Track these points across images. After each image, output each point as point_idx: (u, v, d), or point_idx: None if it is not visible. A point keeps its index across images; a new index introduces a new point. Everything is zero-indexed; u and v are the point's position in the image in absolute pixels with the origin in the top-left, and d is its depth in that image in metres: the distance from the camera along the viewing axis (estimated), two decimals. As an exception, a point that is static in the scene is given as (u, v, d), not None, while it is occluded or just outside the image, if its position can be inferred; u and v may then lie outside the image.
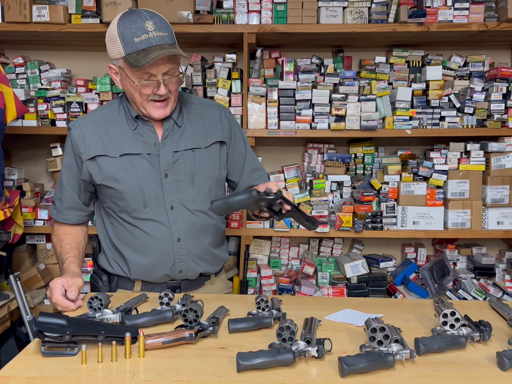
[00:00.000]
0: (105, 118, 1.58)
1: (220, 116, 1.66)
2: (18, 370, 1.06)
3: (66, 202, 1.63)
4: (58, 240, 1.64)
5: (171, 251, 1.56)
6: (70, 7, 2.60)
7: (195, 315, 1.20)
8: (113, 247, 1.63)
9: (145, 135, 1.55)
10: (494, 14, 2.57)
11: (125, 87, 1.51)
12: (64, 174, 1.61)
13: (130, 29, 1.40)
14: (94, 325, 1.17)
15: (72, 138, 1.56)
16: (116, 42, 1.42)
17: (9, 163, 2.96)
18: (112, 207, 1.59)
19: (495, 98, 2.59)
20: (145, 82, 1.44)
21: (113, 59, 1.48)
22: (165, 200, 1.55)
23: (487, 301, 1.49)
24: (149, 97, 1.47)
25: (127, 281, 1.63)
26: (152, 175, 1.54)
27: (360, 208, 2.61)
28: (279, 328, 1.07)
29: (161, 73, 1.43)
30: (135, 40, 1.39)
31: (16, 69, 2.81)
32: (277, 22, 2.59)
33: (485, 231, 2.63)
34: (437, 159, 2.64)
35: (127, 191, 1.53)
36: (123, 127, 1.56)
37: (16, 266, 2.77)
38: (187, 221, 1.57)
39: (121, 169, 1.53)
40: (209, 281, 1.69)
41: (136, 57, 1.39)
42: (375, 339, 1.05)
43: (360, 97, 2.60)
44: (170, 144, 1.55)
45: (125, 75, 1.45)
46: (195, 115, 1.62)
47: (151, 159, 1.54)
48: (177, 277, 1.60)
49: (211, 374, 1.04)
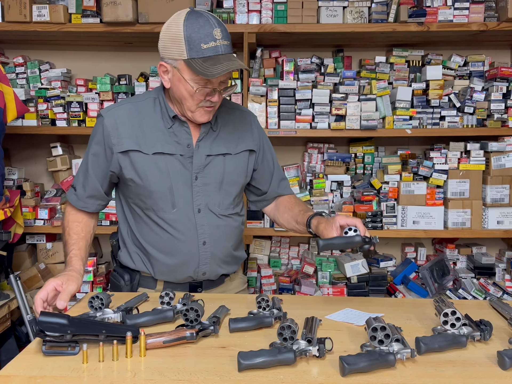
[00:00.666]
0: (140, 111, 1.54)
1: (251, 124, 1.67)
2: (19, 370, 1.07)
3: (88, 190, 1.59)
4: (67, 227, 1.60)
5: (196, 253, 1.55)
6: (70, 7, 2.60)
7: (196, 315, 1.20)
8: (136, 242, 1.61)
9: (180, 136, 1.53)
10: (494, 13, 2.58)
11: (176, 88, 1.46)
12: (91, 162, 1.56)
13: (198, 34, 1.37)
14: (95, 325, 1.17)
15: (105, 127, 1.51)
16: (179, 43, 1.38)
17: (9, 163, 2.96)
18: (139, 204, 1.57)
19: (495, 97, 2.59)
20: (203, 90, 1.42)
21: (168, 58, 1.43)
22: (193, 203, 1.54)
23: (488, 300, 1.49)
24: (200, 102, 1.45)
25: (150, 280, 1.62)
26: (182, 176, 1.53)
27: (360, 208, 2.61)
28: (280, 328, 1.08)
29: (219, 81, 1.43)
30: (203, 46, 1.37)
31: (16, 68, 2.81)
32: (277, 21, 2.59)
33: (485, 231, 2.63)
34: (437, 159, 2.64)
35: (157, 190, 1.52)
36: (158, 124, 1.53)
37: (16, 266, 2.77)
38: (213, 225, 1.57)
39: (152, 167, 1.51)
40: (229, 278, 1.70)
41: (202, 64, 1.36)
42: (376, 338, 1.05)
43: (360, 97, 2.60)
44: (204, 148, 1.54)
45: (181, 77, 1.41)
46: (227, 119, 1.62)
47: (183, 160, 1.53)
48: (200, 278, 1.60)
49: (212, 374, 1.04)
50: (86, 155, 1.58)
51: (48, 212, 2.68)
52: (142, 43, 2.82)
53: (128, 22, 2.52)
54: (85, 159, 1.59)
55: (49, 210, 2.68)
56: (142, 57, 2.92)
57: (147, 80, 2.70)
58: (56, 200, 2.77)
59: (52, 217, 2.72)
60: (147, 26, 2.54)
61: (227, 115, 1.62)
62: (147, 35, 2.60)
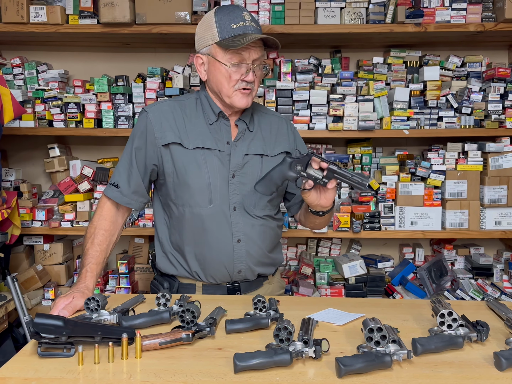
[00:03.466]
0: (182, 109, 1.59)
1: (287, 129, 1.72)
2: (14, 372, 1.06)
3: (133, 185, 1.60)
4: (92, 234, 1.57)
5: (231, 250, 1.57)
6: (68, 8, 2.59)
7: (192, 316, 1.20)
8: (173, 244, 1.63)
9: (221, 132, 1.57)
10: (491, 14, 2.58)
11: (212, 76, 1.53)
12: (135, 156, 1.58)
13: (228, 16, 1.47)
14: (90, 326, 1.17)
15: (149, 121, 1.55)
16: (212, 28, 1.48)
17: (7, 164, 2.96)
18: (175, 200, 1.58)
19: (493, 98, 2.60)
20: (235, 67, 1.48)
21: (202, 47, 1.53)
22: (229, 200, 1.56)
23: (485, 301, 1.49)
24: (236, 83, 1.50)
25: (189, 287, 1.62)
26: (221, 172, 1.56)
27: (358, 209, 2.61)
28: (276, 329, 1.07)
29: (251, 58, 1.48)
30: (232, 26, 1.46)
31: (14, 70, 2.81)
32: (274, 22, 2.59)
33: (482, 231, 2.63)
34: (434, 160, 2.64)
35: (195, 185, 1.54)
36: (200, 121, 1.58)
37: (14, 267, 2.76)
38: (247, 224, 1.58)
39: (192, 162, 1.54)
40: (267, 281, 1.71)
41: (233, 40, 1.44)
42: (372, 339, 1.05)
43: (358, 98, 2.60)
44: (242, 146, 1.58)
45: (215, 60, 1.49)
46: (265, 123, 1.67)
47: (222, 156, 1.56)
48: (236, 277, 1.61)
49: (208, 375, 1.04)
50: (129, 150, 1.60)
51: (45, 213, 2.67)
52: (140, 44, 2.82)
53: (126, 23, 2.51)
54: (126, 154, 1.60)
55: (46, 211, 2.68)
56: (140, 58, 2.92)
57: (144, 81, 2.70)
58: (54, 201, 2.77)
59: (49, 218, 2.71)
60: (145, 27, 2.54)
61: (264, 119, 1.68)
62: (144, 36, 2.59)
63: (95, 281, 1.51)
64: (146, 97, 2.66)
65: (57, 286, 2.79)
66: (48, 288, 2.71)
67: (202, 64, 1.55)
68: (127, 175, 1.60)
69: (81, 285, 1.45)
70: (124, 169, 1.60)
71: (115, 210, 1.63)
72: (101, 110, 2.68)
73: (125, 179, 1.60)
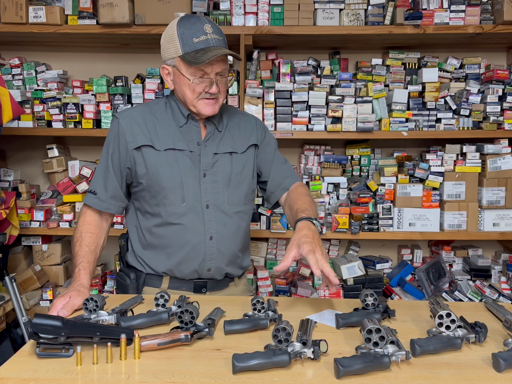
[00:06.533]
0: (153, 113, 1.63)
1: (255, 125, 1.76)
2: (12, 372, 1.06)
3: (110, 190, 1.63)
4: (79, 238, 1.61)
5: (202, 247, 1.60)
6: (67, 8, 2.60)
7: (190, 317, 1.20)
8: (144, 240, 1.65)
9: (191, 133, 1.61)
10: (490, 16, 2.58)
11: (177, 86, 1.57)
12: (110, 162, 1.62)
13: (190, 30, 1.48)
14: (89, 327, 1.16)
15: (120, 127, 1.59)
16: (174, 41, 1.50)
17: (5, 164, 2.96)
18: (149, 201, 1.61)
19: (491, 100, 2.60)
20: (198, 80, 1.51)
21: (167, 59, 1.55)
22: (202, 198, 1.60)
23: (483, 302, 1.49)
24: (200, 95, 1.53)
25: (155, 278, 1.65)
26: (192, 172, 1.59)
27: (357, 210, 2.61)
28: (275, 330, 1.07)
29: (214, 72, 1.51)
30: (194, 40, 1.47)
31: (12, 70, 2.81)
32: (273, 23, 2.59)
33: (481, 233, 2.64)
34: (433, 161, 2.65)
35: (168, 185, 1.57)
36: (170, 124, 1.62)
37: (12, 268, 2.76)
38: (220, 221, 1.61)
39: (164, 162, 1.58)
40: (233, 283, 1.73)
41: (195, 55, 1.47)
42: (370, 340, 1.05)
43: (357, 99, 2.61)
44: (211, 146, 1.62)
45: (180, 73, 1.52)
46: (233, 122, 1.71)
47: (193, 157, 1.60)
48: (205, 275, 1.63)
49: (206, 376, 1.04)
50: (105, 156, 1.64)
51: (44, 213, 2.67)
52: (139, 44, 2.82)
53: (125, 23, 2.52)
54: (103, 160, 1.64)
55: (44, 211, 2.68)
56: (139, 59, 2.92)
57: (143, 82, 2.70)
58: (52, 202, 2.77)
59: (48, 218, 2.71)
60: (144, 28, 2.54)
61: (232, 118, 1.72)
62: (143, 36, 2.60)
63: (90, 278, 1.52)
64: (145, 98, 2.66)
65: (55, 287, 2.78)
66: (46, 289, 2.71)
67: (168, 74, 1.58)
68: (104, 181, 1.63)
69: (76, 284, 1.47)
70: (101, 176, 1.64)
71: (98, 216, 1.66)
72: (100, 110, 2.68)
73: (102, 185, 1.63)
